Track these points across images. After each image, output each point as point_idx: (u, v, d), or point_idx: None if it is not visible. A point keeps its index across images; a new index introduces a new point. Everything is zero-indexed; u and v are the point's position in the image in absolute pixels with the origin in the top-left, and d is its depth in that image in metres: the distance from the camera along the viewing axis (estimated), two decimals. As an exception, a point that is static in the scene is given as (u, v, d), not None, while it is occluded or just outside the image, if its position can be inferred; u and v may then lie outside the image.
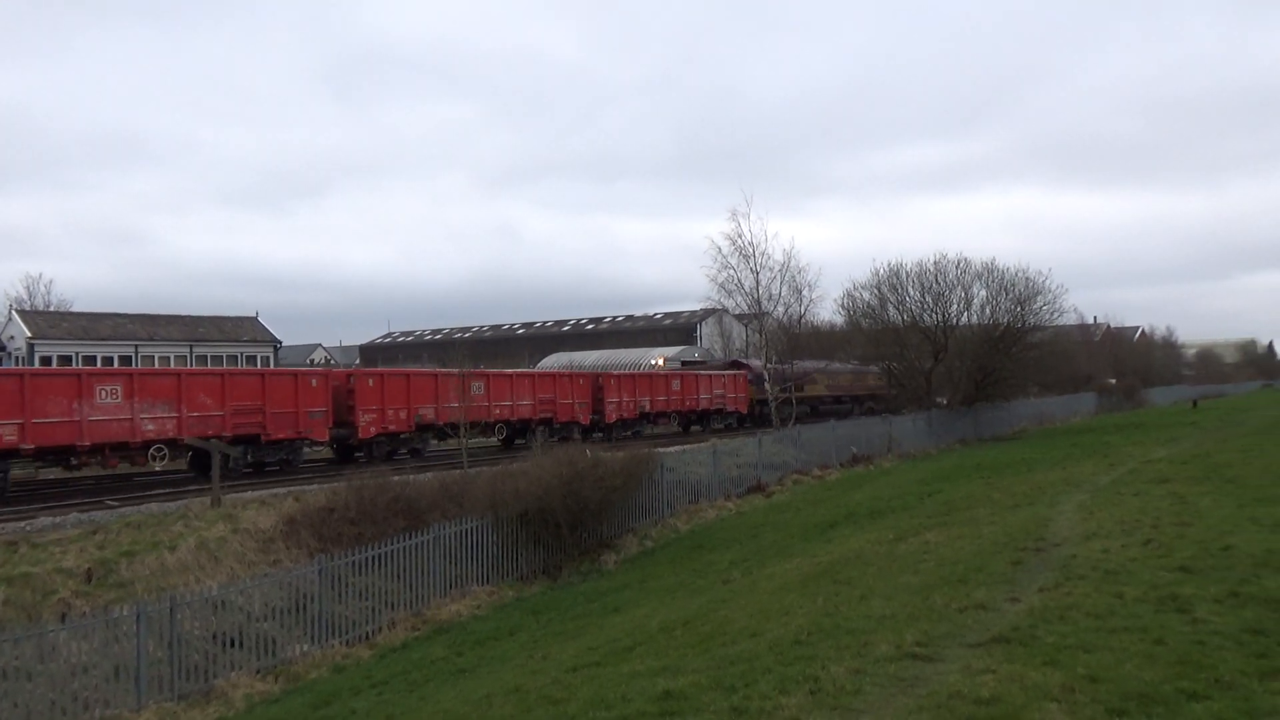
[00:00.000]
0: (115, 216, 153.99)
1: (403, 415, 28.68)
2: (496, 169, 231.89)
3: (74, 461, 22.35)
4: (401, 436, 28.91)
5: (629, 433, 36.99)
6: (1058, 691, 5.44)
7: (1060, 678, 5.67)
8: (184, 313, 64.16)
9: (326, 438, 27.13)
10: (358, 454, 28.22)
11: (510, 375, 33.74)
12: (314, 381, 26.72)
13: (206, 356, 59.15)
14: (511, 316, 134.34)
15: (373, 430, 28.00)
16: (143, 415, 22.80)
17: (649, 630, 10.52)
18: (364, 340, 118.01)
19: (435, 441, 30.55)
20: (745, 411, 44.46)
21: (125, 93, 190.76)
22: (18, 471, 23.61)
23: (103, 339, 57.40)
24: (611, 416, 36.48)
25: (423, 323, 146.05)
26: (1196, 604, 7.21)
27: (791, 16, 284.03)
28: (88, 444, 21.85)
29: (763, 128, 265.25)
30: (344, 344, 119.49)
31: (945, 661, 6.27)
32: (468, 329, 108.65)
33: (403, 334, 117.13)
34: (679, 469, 23.87)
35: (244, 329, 64.44)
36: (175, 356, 58.11)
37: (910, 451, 34.24)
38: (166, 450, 23.38)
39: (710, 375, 45.08)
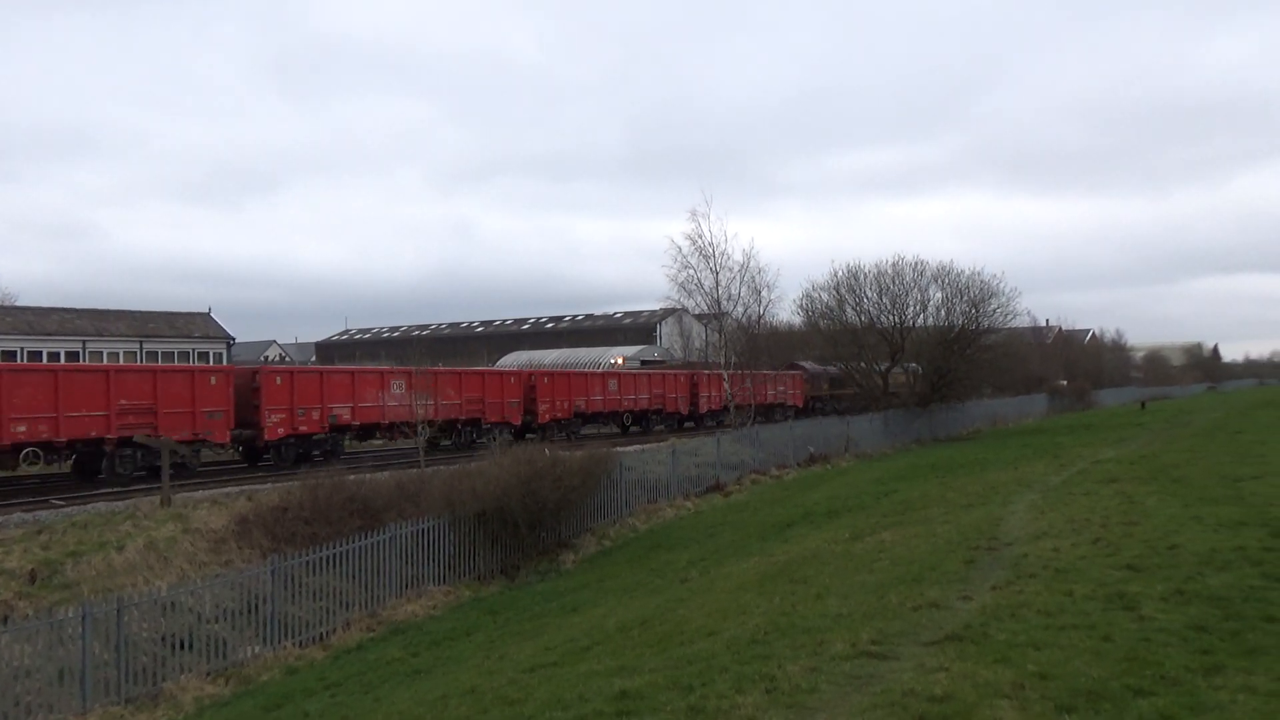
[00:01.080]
0: (60, 210, 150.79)
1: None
2: (452, 167, 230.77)
3: None
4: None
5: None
6: (1009, 689, 5.52)
7: (1011, 675, 5.75)
8: (133, 308, 62.97)
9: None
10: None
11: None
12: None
13: (157, 352, 58.08)
14: (470, 315, 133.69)
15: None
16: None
17: (606, 630, 10.51)
18: (320, 337, 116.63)
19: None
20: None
21: (70, 84, 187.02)
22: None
23: (49, 334, 56.12)
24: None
25: (380, 320, 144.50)
26: (1143, 602, 7.37)
27: (746, 19, 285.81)
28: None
29: (718, 129, 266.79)
30: (300, 341, 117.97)
31: (900, 659, 6.34)
32: (425, 326, 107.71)
33: (360, 331, 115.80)
34: (638, 468, 23.89)
35: (196, 325, 63.38)
36: (125, 352, 56.95)
37: (867, 451, 34.59)
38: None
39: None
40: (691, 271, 37.71)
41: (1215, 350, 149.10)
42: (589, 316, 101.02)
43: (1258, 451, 19.17)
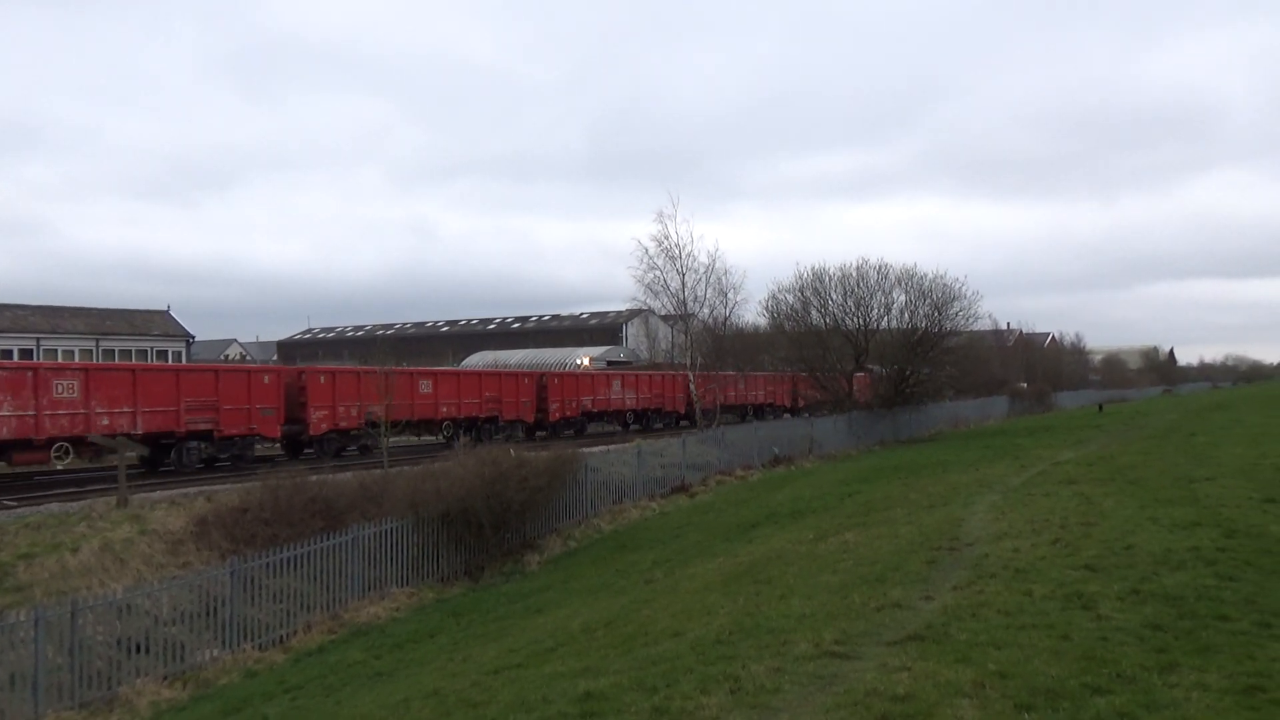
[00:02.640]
0: (9, 205, 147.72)
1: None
2: (411, 167, 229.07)
3: None
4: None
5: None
6: (969, 688, 5.58)
7: (971, 674, 5.81)
8: (89, 305, 61.85)
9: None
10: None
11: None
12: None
13: (114, 351, 57.09)
14: (434, 314, 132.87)
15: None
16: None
17: (571, 631, 10.49)
18: (282, 336, 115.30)
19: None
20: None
21: (18, 78, 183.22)
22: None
23: (1, 331, 54.98)
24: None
25: (343, 319, 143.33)
26: (1100, 601, 7.48)
27: (703, 24, 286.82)
28: None
29: (678, 133, 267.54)
30: (261, 340, 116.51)
31: (862, 659, 6.38)
32: (390, 326, 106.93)
33: (323, 330, 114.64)
34: (603, 469, 23.86)
35: (154, 323, 62.37)
36: (80, 350, 55.92)
37: (831, 452, 34.81)
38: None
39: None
40: (658, 273, 37.84)
41: (1171, 354, 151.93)
42: (555, 317, 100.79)
43: (1211, 454, 19.55)
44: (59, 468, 23.37)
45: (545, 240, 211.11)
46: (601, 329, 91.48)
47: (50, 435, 22.31)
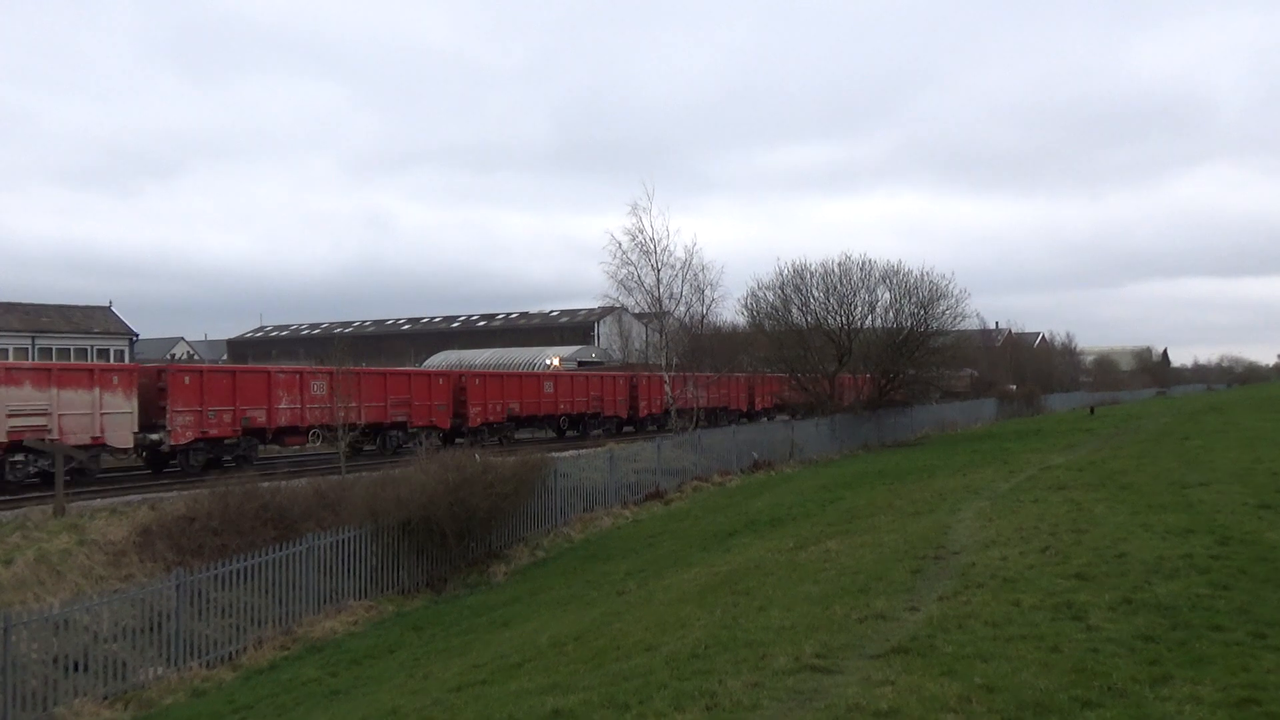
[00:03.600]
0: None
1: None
2: (366, 155, 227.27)
3: None
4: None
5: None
6: (955, 702, 5.62)
7: (958, 688, 5.85)
8: (24, 300, 60.94)
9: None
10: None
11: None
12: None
13: (51, 349, 56.29)
14: (395, 311, 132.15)
15: None
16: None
17: (539, 645, 10.47)
18: (233, 334, 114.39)
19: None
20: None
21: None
22: None
23: (-71, 328, 54.08)
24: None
25: (298, 316, 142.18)
26: (1091, 611, 7.56)
27: (672, 6, 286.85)
28: None
29: (648, 123, 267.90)
30: (210, 338, 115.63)
31: (844, 673, 6.41)
32: (348, 324, 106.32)
33: (276, 328, 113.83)
34: (574, 475, 23.83)
35: (95, 319, 61.56)
36: (15, 349, 55.09)
37: (813, 457, 34.97)
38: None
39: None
40: (632, 268, 37.73)
41: (1165, 355, 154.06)
42: (523, 315, 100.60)
43: (1205, 458, 19.82)
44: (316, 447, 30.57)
45: (510, 234, 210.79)
46: (572, 328, 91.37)
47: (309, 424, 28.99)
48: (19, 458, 22.84)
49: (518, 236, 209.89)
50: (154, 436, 25.78)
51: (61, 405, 23.53)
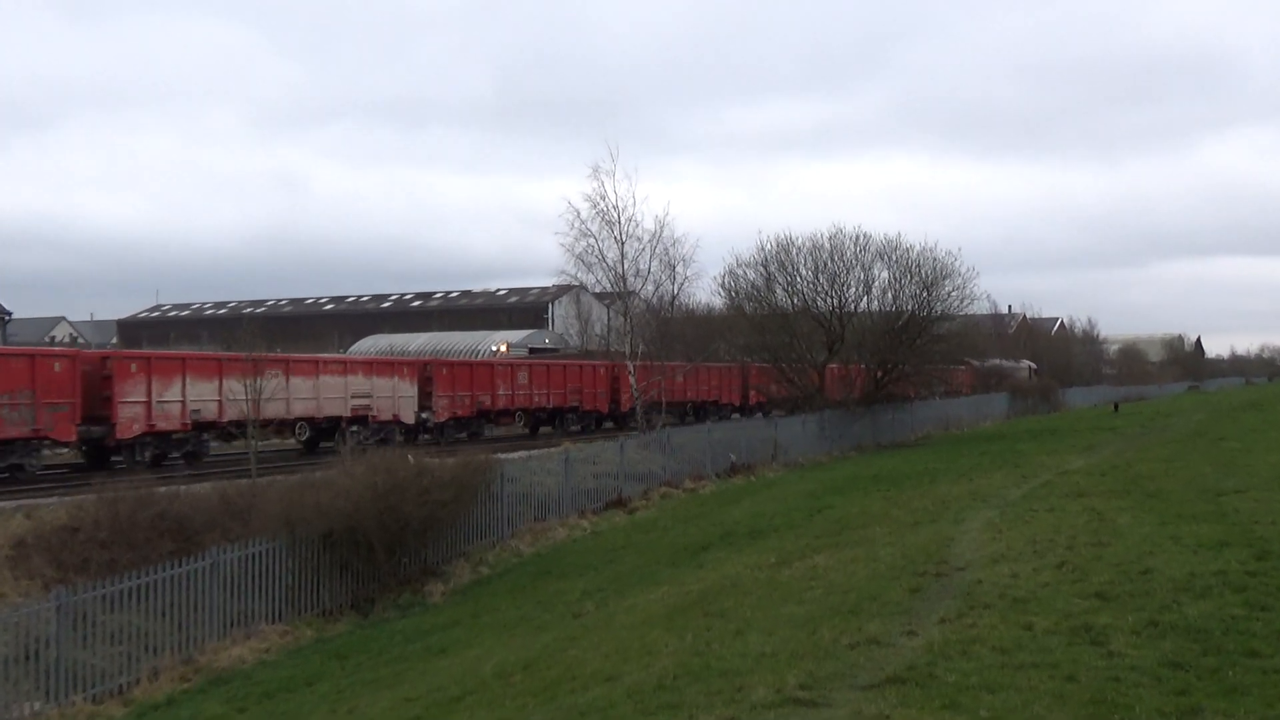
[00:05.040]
0: None
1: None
2: (277, 107, 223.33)
3: None
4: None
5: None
6: (958, 739, 5.68)
7: (961, 723, 5.91)
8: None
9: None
10: None
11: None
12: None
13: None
14: (317, 289, 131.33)
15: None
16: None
17: (482, 676, 10.45)
18: (125, 314, 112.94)
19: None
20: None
21: None
22: None
23: None
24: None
25: (202, 294, 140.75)
26: (1112, 635, 7.66)
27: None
28: None
29: (603, 73, 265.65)
30: (97, 318, 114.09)
31: (832, 706, 6.45)
32: (261, 303, 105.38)
33: (175, 307, 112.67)
34: (523, 479, 23.79)
35: (-41, 296, 60.43)
36: None
37: (799, 459, 35.17)
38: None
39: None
40: (592, 240, 37.62)
41: (1198, 344, 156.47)
42: (465, 294, 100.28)
43: (1243, 461, 20.18)
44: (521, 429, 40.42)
45: (446, 200, 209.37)
46: (522, 309, 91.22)
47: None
48: None
49: (455, 204, 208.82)
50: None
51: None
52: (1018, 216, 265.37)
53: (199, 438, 29.59)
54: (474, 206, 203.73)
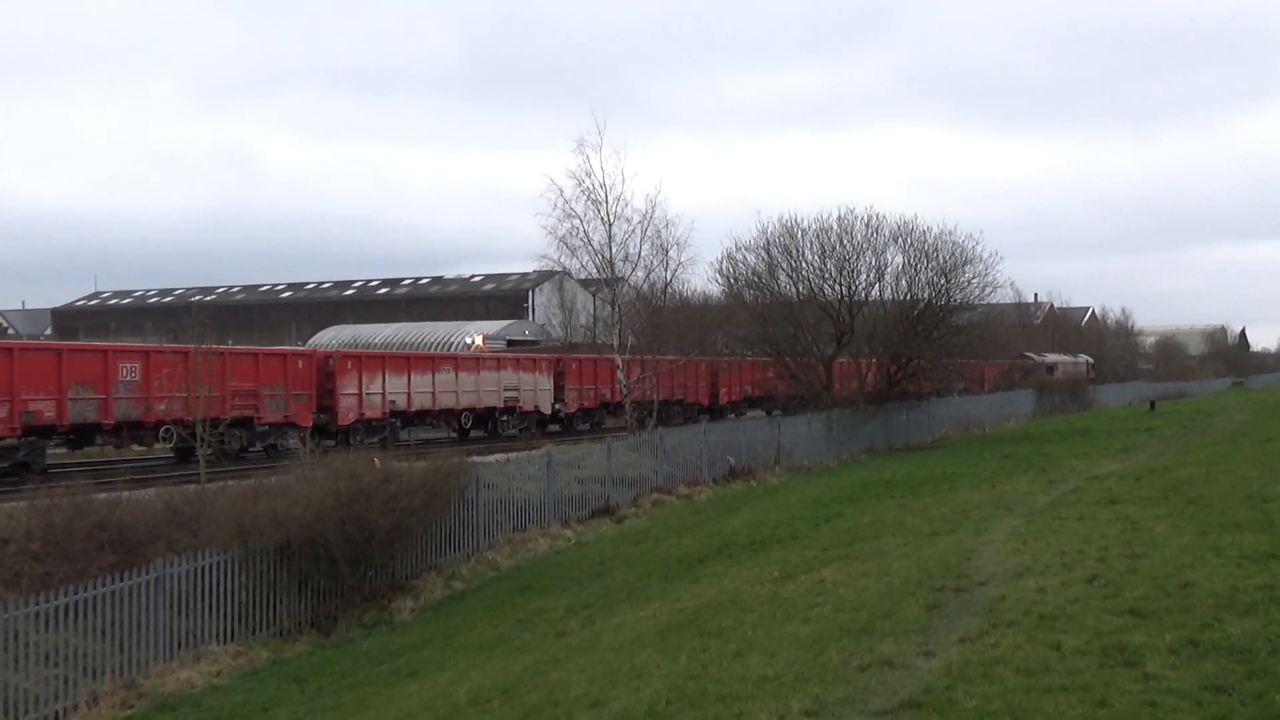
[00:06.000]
0: None
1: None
2: (223, 75, 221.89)
3: None
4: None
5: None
6: (979, 770, 5.70)
7: (983, 752, 5.94)
8: None
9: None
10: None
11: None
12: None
13: None
14: (274, 275, 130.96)
15: None
16: None
17: (455, 701, 10.46)
18: (60, 302, 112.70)
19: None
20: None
21: None
22: None
23: None
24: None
25: (146, 281, 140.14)
26: (1148, 656, 7.69)
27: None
28: None
29: (585, 40, 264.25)
30: (29, 306, 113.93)
31: (841, 735, 6.47)
32: (210, 290, 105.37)
33: (115, 295, 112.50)
34: (501, 485, 23.78)
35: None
36: None
37: (804, 463, 35.22)
38: None
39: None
40: (577, 222, 37.58)
41: (1242, 335, 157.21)
42: (436, 281, 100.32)
43: (1291, 465, 20.25)
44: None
45: (413, 178, 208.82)
46: (499, 297, 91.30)
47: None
48: None
49: (424, 182, 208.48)
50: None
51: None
52: (1042, 196, 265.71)
53: (394, 424, 38.12)
54: (444, 185, 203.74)
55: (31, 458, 27.40)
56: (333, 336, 74.79)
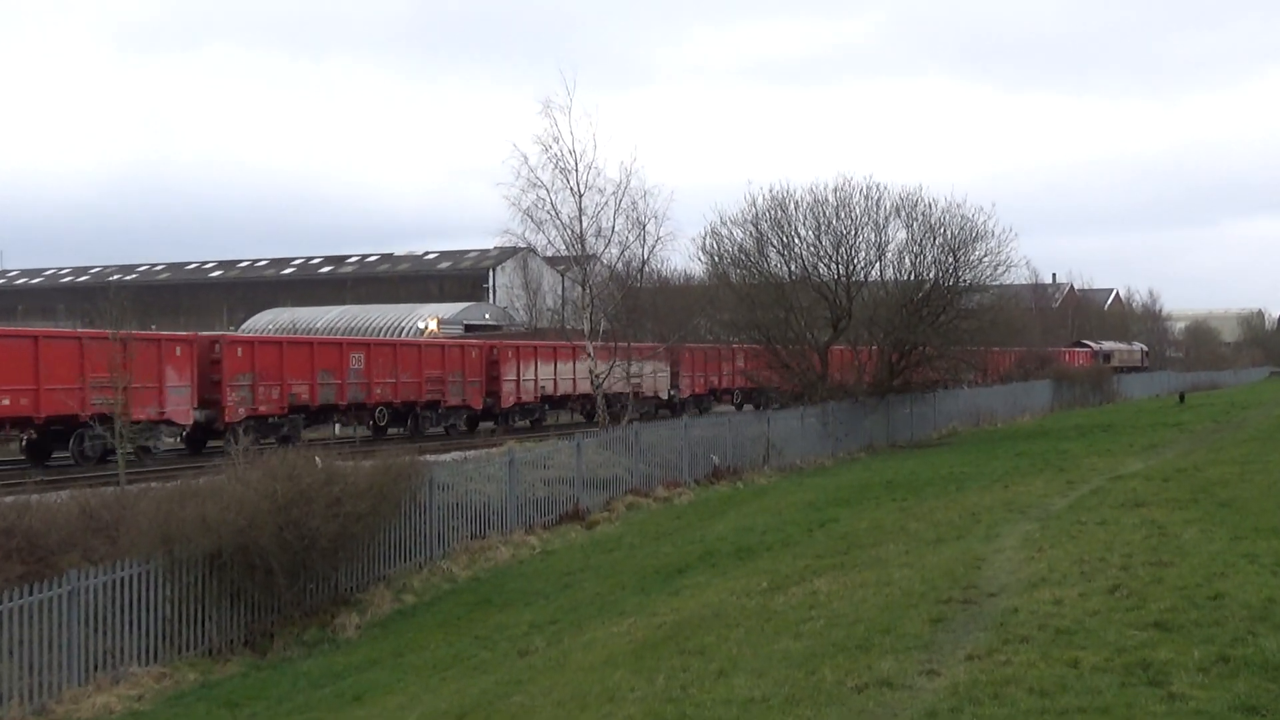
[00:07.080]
0: None
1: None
2: (138, 24, 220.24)
3: None
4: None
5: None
6: (988, 801, 5.73)
7: (991, 781, 5.97)
8: None
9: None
10: None
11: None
12: None
13: None
14: (202, 251, 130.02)
15: None
16: None
17: (406, 728, 10.45)
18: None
19: None
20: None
21: None
22: None
23: None
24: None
25: (58, 258, 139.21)
26: (1175, 674, 7.74)
27: None
28: None
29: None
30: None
31: (835, 763, 6.50)
32: (131, 269, 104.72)
33: (24, 274, 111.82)
34: (457, 487, 23.76)
35: None
36: None
37: (796, 462, 35.29)
38: None
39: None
40: (543, 192, 37.46)
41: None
42: (386, 258, 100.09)
43: (1333, 463, 20.43)
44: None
45: (353, 143, 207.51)
46: (456, 277, 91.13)
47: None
48: None
49: (369, 149, 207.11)
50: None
51: None
52: (1056, 164, 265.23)
53: (541, 407, 49.61)
54: (394, 152, 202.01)
55: (292, 433, 35.75)
56: (270, 321, 74.44)
